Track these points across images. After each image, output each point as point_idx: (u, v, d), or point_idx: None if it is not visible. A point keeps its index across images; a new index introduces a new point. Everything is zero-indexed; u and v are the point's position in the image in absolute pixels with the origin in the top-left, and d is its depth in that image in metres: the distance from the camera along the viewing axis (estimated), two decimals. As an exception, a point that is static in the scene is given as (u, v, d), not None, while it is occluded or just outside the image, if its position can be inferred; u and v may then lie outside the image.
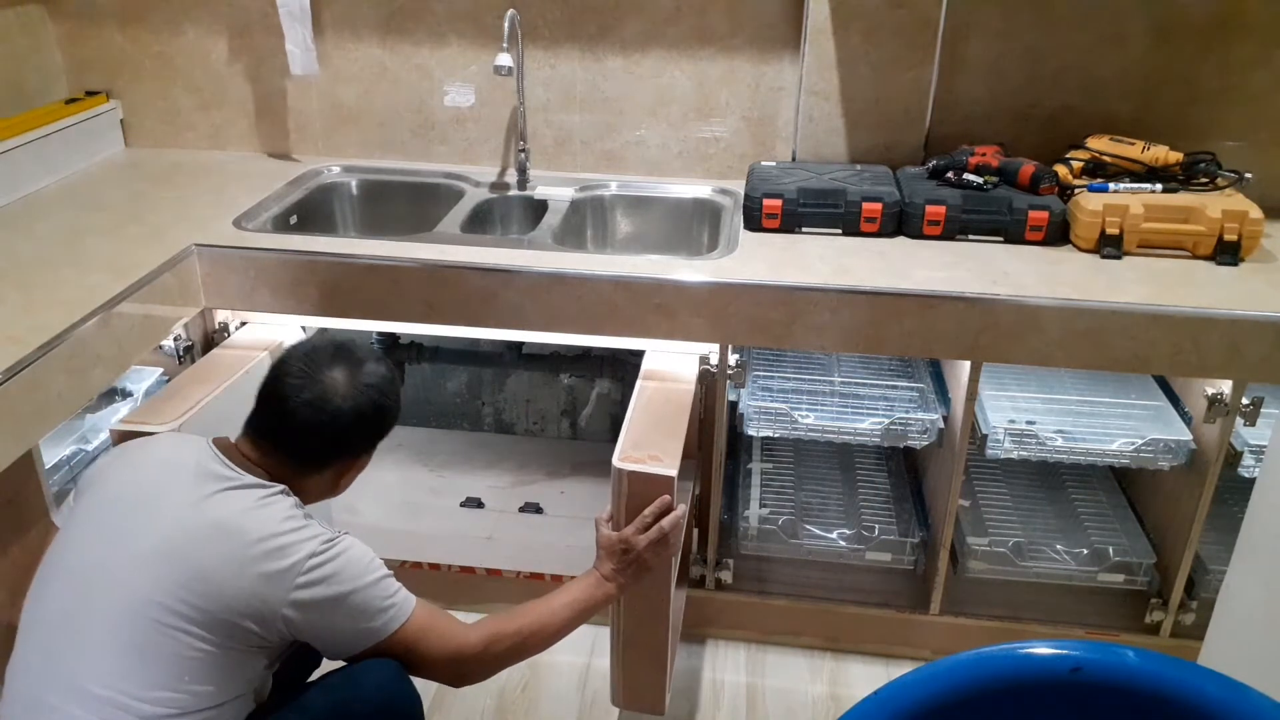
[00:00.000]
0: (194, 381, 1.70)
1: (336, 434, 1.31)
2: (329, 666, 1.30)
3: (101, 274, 1.66)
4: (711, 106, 2.19)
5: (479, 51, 2.19)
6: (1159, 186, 1.85)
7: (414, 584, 1.31)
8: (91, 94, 2.32)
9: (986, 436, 1.86)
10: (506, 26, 1.99)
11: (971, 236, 1.89)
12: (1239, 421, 1.74)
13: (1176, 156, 1.89)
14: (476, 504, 2.28)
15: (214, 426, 1.62)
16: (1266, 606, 1.27)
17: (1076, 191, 1.88)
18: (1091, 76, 2.06)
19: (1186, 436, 1.83)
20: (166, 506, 1.22)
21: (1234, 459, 1.79)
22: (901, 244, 1.89)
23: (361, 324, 1.92)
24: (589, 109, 2.23)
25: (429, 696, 1.30)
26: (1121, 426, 1.89)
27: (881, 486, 2.20)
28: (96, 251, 1.77)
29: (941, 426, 1.91)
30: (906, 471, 2.26)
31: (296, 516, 1.24)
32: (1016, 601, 2.00)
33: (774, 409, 1.92)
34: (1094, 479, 2.20)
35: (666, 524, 1.47)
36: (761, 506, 2.09)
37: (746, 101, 2.18)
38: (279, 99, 2.31)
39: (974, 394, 1.79)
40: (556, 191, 2.19)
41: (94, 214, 1.96)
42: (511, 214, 2.22)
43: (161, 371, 1.95)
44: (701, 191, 2.20)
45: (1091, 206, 1.80)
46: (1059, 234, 1.86)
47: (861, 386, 2.01)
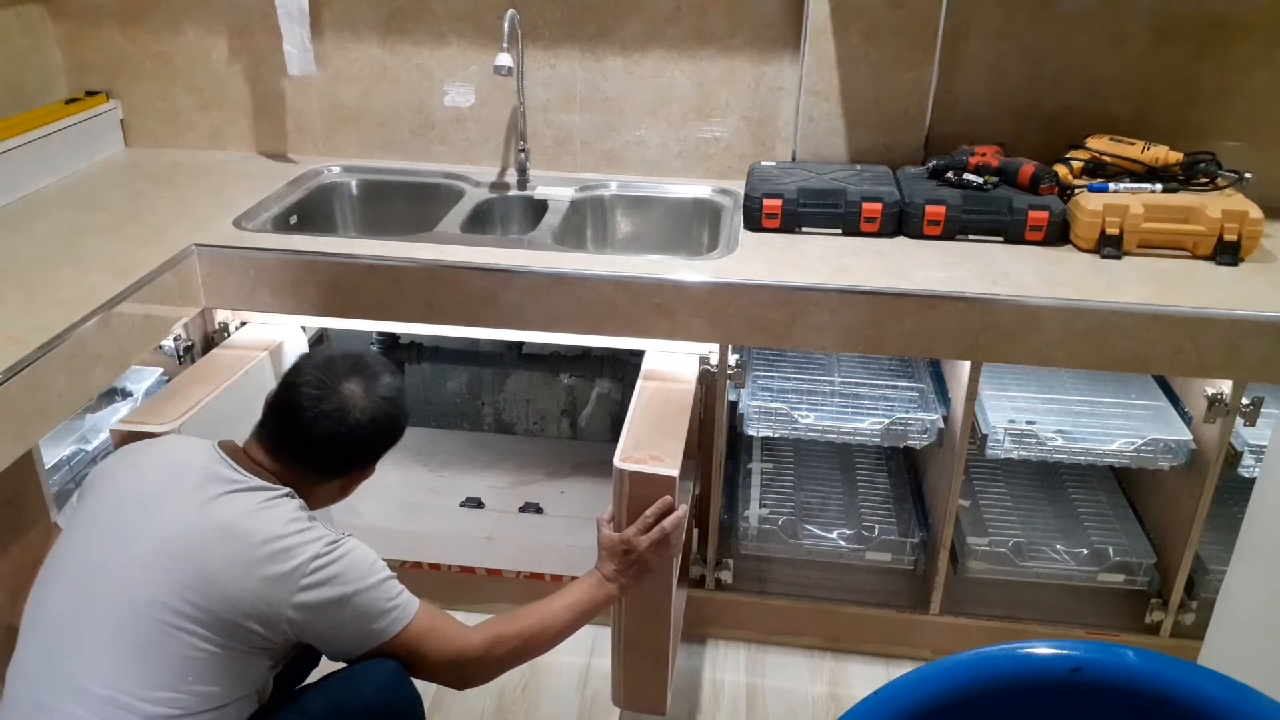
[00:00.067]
0: (194, 381, 1.70)
1: (354, 445, 1.34)
2: (327, 667, 1.31)
3: (101, 274, 1.66)
4: (711, 106, 2.19)
5: (479, 51, 2.19)
6: (1159, 186, 1.85)
7: (414, 584, 1.32)
8: (91, 94, 2.32)
9: (986, 436, 1.87)
10: (506, 26, 1.99)
11: (971, 236, 1.89)
12: (1239, 421, 1.74)
13: (1176, 156, 1.89)
14: (476, 504, 2.28)
15: (214, 426, 1.62)
16: (1266, 606, 1.27)
17: (1076, 191, 1.88)
18: (1091, 76, 2.06)
19: (1186, 436, 1.83)
20: (169, 508, 1.22)
21: (1234, 459, 1.79)
22: (901, 244, 1.89)
23: (361, 324, 1.92)
24: (589, 109, 2.23)
25: (429, 697, 1.30)
26: (1121, 426, 1.89)
27: (881, 486, 2.20)
28: (96, 251, 1.77)
29: (941, 426, 1.91)
30: (906, 471, 2.26)
31: (301, 519, 1.25)
32: (1016, 601, 2.00)
33: (774, 409, 1.92)
34: (1094, 479, 2.20)
35: (668, 524, 1.47)
36: (761, 506, 2.09)
37: (746, 101, 2.18)
38: (279, 99, 2.31)
39: (974, 394, 1.79)
40: (556, 191, 2.19)
41: (94, 214, 1.96)
42: (511, 214, 2.22)
43: (161, 371, 1.95)
44: (701, 191, 2.20)
45: (1091, 206, 1.80)
46: (1059, 234, 1.86)
47: (861, 386, 2.01)
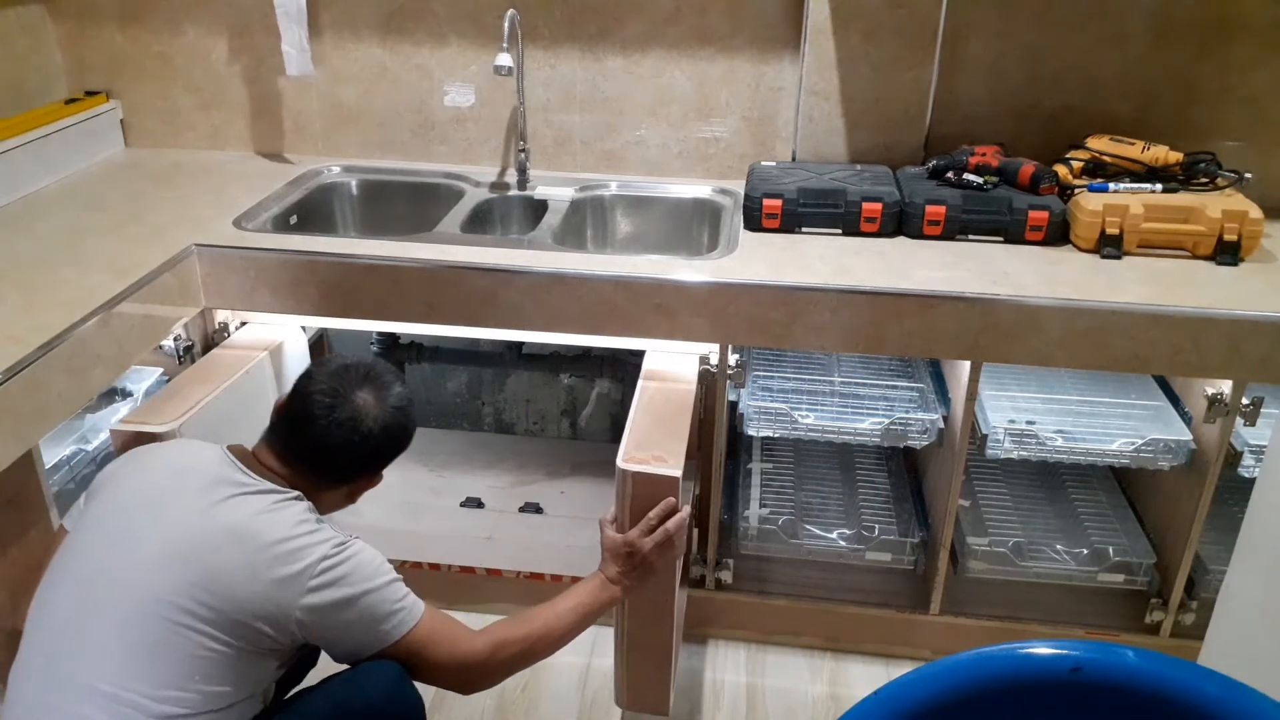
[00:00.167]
0: (194, 381, 1.71)
1: (365, 454, 1.35)
2: (324, 670, 1.30)
3: (101, 274, 1.66)
4: (711, 106, 2.19)
5: (479, 51, 2.20)
6: (1159, 186, 1.85)
7: (414, 584, 1.32)
8: (91, 94, 2.32)
9: (986, 436, 1.87)
10: (506, 26, 1.99)
11: (971, 236, 1.89)
12: (1239, 421, 1.74)
13: (1176, 156, 1.90)
14: (476, 504, 2.28)
15: (214, 426, 1.63)
16: (1266, 606, 1.27)
17: (1076, 191, 1.88)
18: (1091, 76, 2.06)
19: (1186, 436, 1.83)
20: (176, 510, 1.23)
21: (1234, 459, 1.79)
22: (901, 244, 1.89)
23: (362, 324, 1.92)
24: (589, 109, 2.23)
25: (428, 698, 1.30)
26: (1121, 426, 1.89)
27: (881, 486, 2.20)
28: (96, 251, 1.77)
29: (941, 426, 1.91)
30: (906, 471, 2.26)
31: (309, 520, 1.26)
32: (1016, 601, 2.00)
33: (774, 409, 1.92)
34: (1094, 479, 2.20)
35: (671, 526, 1.47)
36: (761, 506, 2.09)
37: (746, 101, 2.18)
38: (279, 99, 2.31)
39: (974, 394, 1.79)
40: (556, 191, 2.19)
41: (94, 214, 1.96)
42: (511, 214, 2.22)
43: (161, 371, 1.95)
44: (701, 191, 2.20)
45: (1091, 206, 1.80)
46: (1059, 234, 1.86)
47: (861, 386, 2.01)
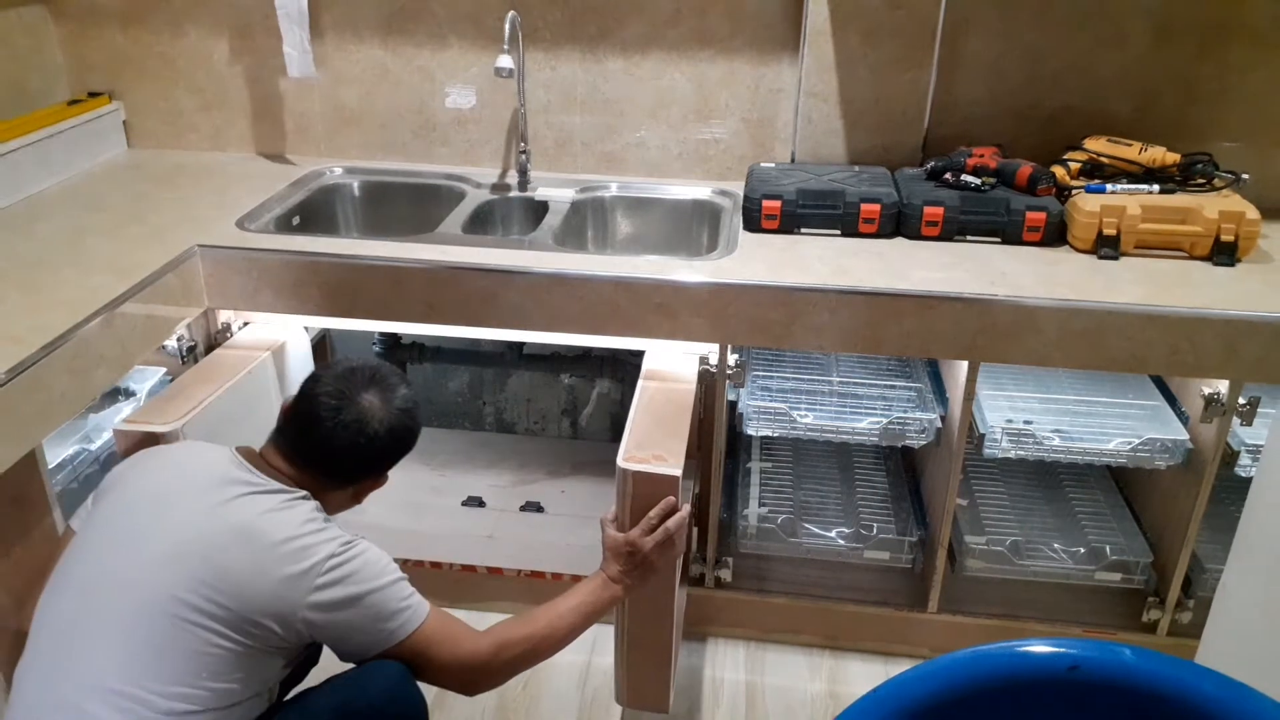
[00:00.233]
0: (197, 381, 1.71)
1: (371, 455, 1.36)
2: (325, 669, 1.31)
3: (104, 274, 1.67)
4: (711, 108, 2.20)
5: (480, 53, 2.20)
6: (1156, 187, 1.86)
7: (416, 582, 1.32)
8: (94, 95, 2.33)
9: (984, 436, 1.87)
10: (507, 28, 1.99)
11: (969, 237, 1.89)
12: (1236, 421, 1.75)
13: (1174, 157, 1.90)
14: (478, 503, 2.29)
15: (217, 426, 1.63)
16: (1263, 605, 1.27)
17: (1074, 192, 1.88)
18: (1091, 77, 2.06)
19: (1183, 436, 1.84)
20: (184, 508, 1.24)
21: (1231, 458, 1.80)
22: (900, 245, 1.89)
23: (363, 324, 1.93)
24: (589, 111, 2.24)
25: (430, 696, 1.30)
26: (1119, 426, 1.89)
27: (880, 486, 2.21)
28: (99, 252, 1.78)
29: (939, 426, 1.92)
30: (905, 471, 2.27)
31: (317, 520, 1.27)
32: (1014, 600, 2.01)
33: (773, 409, 1.93)
34: (1091, 478, 2.21)
35: (672, 525, 1.47)
36: (761, 505, 2.09)
37: (746, 103, 2.19)
38: (280, 100, 2.32)
39: (972, 394, 1.80)
40: (557, 193, 2.20)
41: (96, 215, 1.97)
42: (512, 215, 2.22)
43: (164, 371, 1.96)
44: (701, 193, 2.21)
45: (1089, 207, 1.81)
46: (1056, 235, 1.87)
47: (860, 386, 2.02)
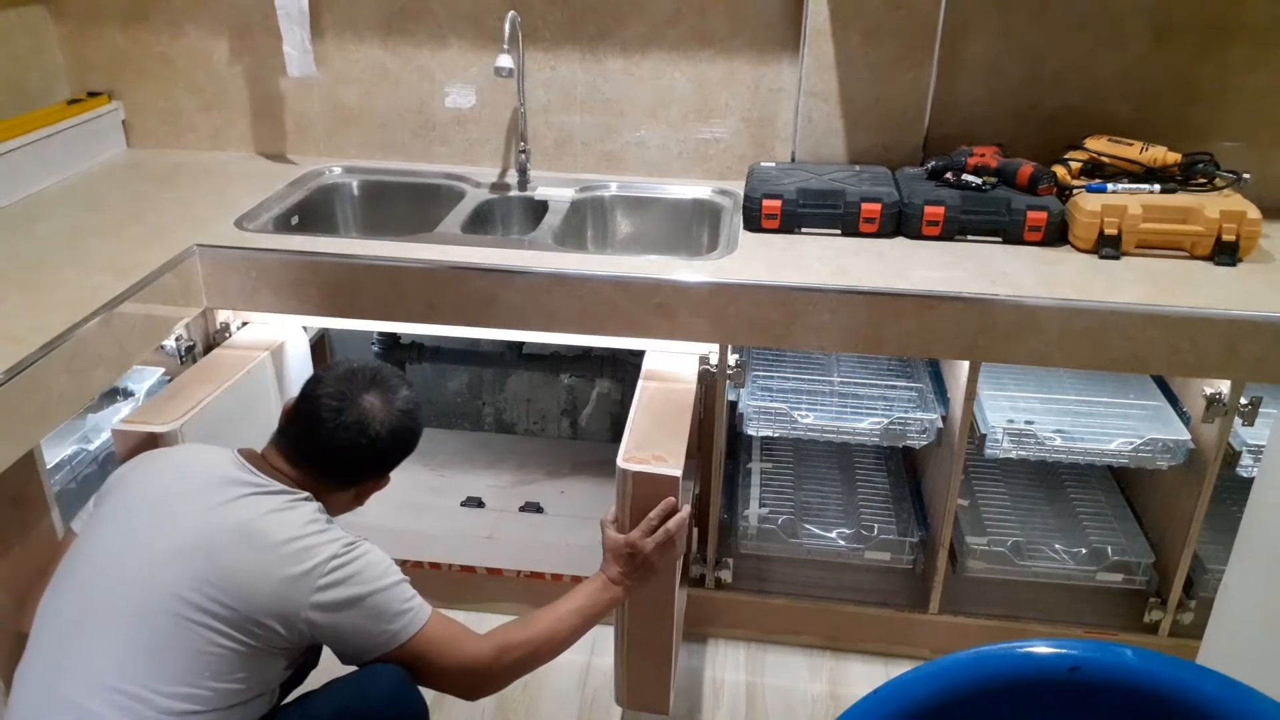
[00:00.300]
0: (196, 381, 1.71)
1: (373, 456, 1.36)
2: (325, 672, 1.31)
3: (103, 274, 1.67)
4: (711, 108, 2.20)
5: (480, 53, 2.20)
6: (1157, 187, 1.86)
7: (415, 583, 1.32)
8: (93, 95, 2.32)
9: (985, 436, 1.87)
10: (507, 28, 1.99)
11: (970, 237, 1.89)
12: (1237, 421, 1.75)
13: (1175, 157, 1.90)
14: (477, 503, 2.28)
15: (216, 426, 1.63)
16: (1265, 606, 1.27)
17: (1075, 192, 1.88)
18: (1091, 77, 2.06)
19: (1185, 436, 1.83)
20: (187, 509, 1.23)
21: (1232, 458, 1.79)
22: (900, 244, 1.89)
23: (363, 324, 1.92)
24: (589, 110, 2.24)
25: (429, 698, 1.30)
26: (1120, 426, 1.89)
27: (881, 486, 2.20)
28: (98, 252, 1.77)
29: (940, 426, 1.91)
30: (905, 471, 2.26)
31: (319, 520, 1.27)
32: (1015, 601, 2.01)
33: (774, 409, 1.93)
34: (1093, 479, 2.20)
35: (672, 526, 1.47)
36: (761, 506, 2.09)
37: (746, 103, 2.18)
38: (280, 100, 2.32)
39: (973, 394, 1.79)
40: (557, 192, 2.19)
41: (95, 214, 1.96)
42: (512, 215, 2.22)
43: (163, 371, 1.96)
44: (701, 192, 2.20)
45: (1090, 207, 1.81)
46: (1057, 234, 1.86)
47: (861, 386, 2.01)
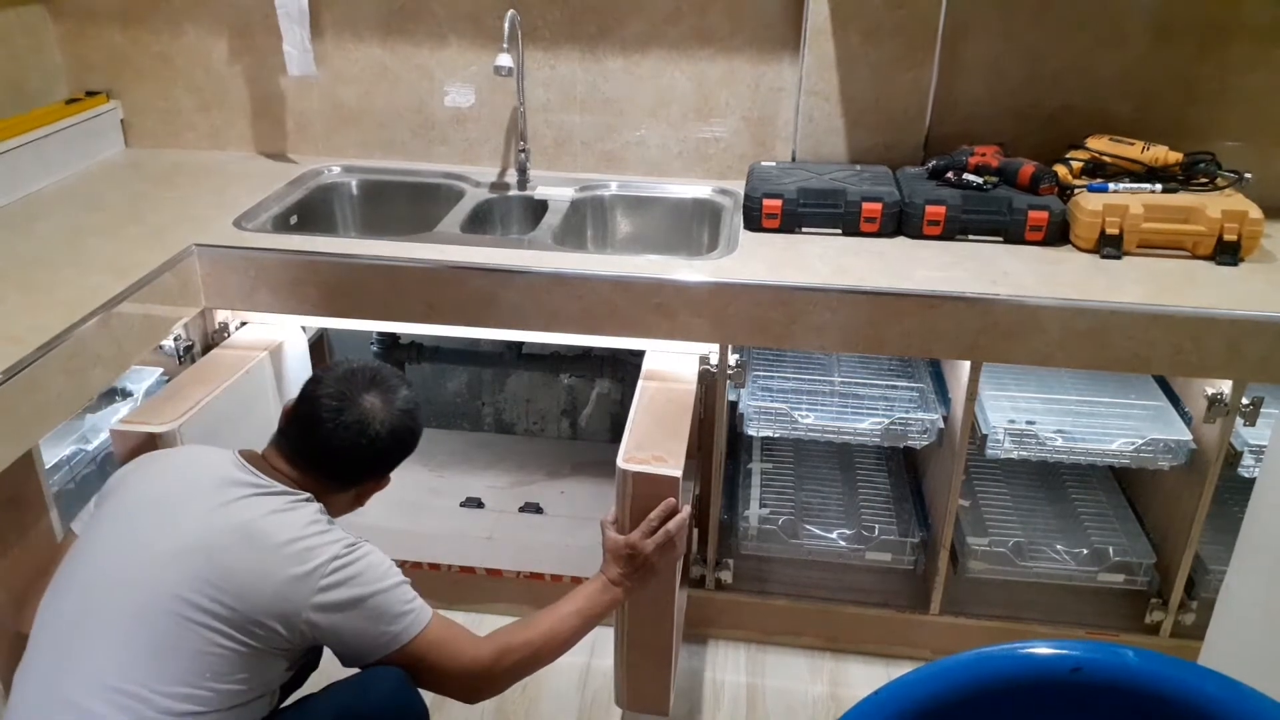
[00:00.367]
0: (194, 381, 1.71)
1: (373, 457, 1.35)
2: (325, 675, 1.31)
3: (101, 274, 1.66)
4: (711, 107, 2.19)
5: (479, 52, 2.20)
6: (1159, 187, 1.85)
7: (414, 584, 1.31)
8: (92, 94, 2.32)
9: (986, 436, 1.87)
10: (506, 27, 1.99)
11: (971, 236, 1.89)
12: (1239, 421, 1.74)
13: (1176, 157, 1.90)
14: (476, 504, 2.28)
15: (214, 427, 1.63)
16: (1267, 607, 1.27)
17: (1076, 191, 1.88)
18: (1091, 76, 2.06)
19: (1186, 436, 1.83)
20: (188, 510, 1.23)
21: (1234, 459, 1.79)
22: (901, 244, 1.89)
23: (362, 324, 1.92)
24: (589, 109, 2.23)
25: (429, 700, 1.30)
26: (1121, 426, 1.89)
27: (881, 486, 2.20)
28: (97, 251, 1.77)
29: (941, 426, 1.91)
30: (906, 471, 2.26)
31: (320, 521, 1.27)
32: (1016, 601, 2.00)
33: (774, 409, 1.92)
34: (1094, 479, 2.20)
35: (672, 527, 1.47)
36: (761, 506, 2.09)
37: (746, 102, 2.18)
38: (279, 99, 2.31)
39: (974, 394, 1.79)
40: (557, 192, 2.19)
41: (94, 214, 1.96)
42: (511, 214, 2.22)
43: (161, 371, 1.95)
44: (701, 192, 2.20)
45: (1091, 206, 1.80)
46: (1059, 234, 1.86)
47: (861, 386, 2.01)
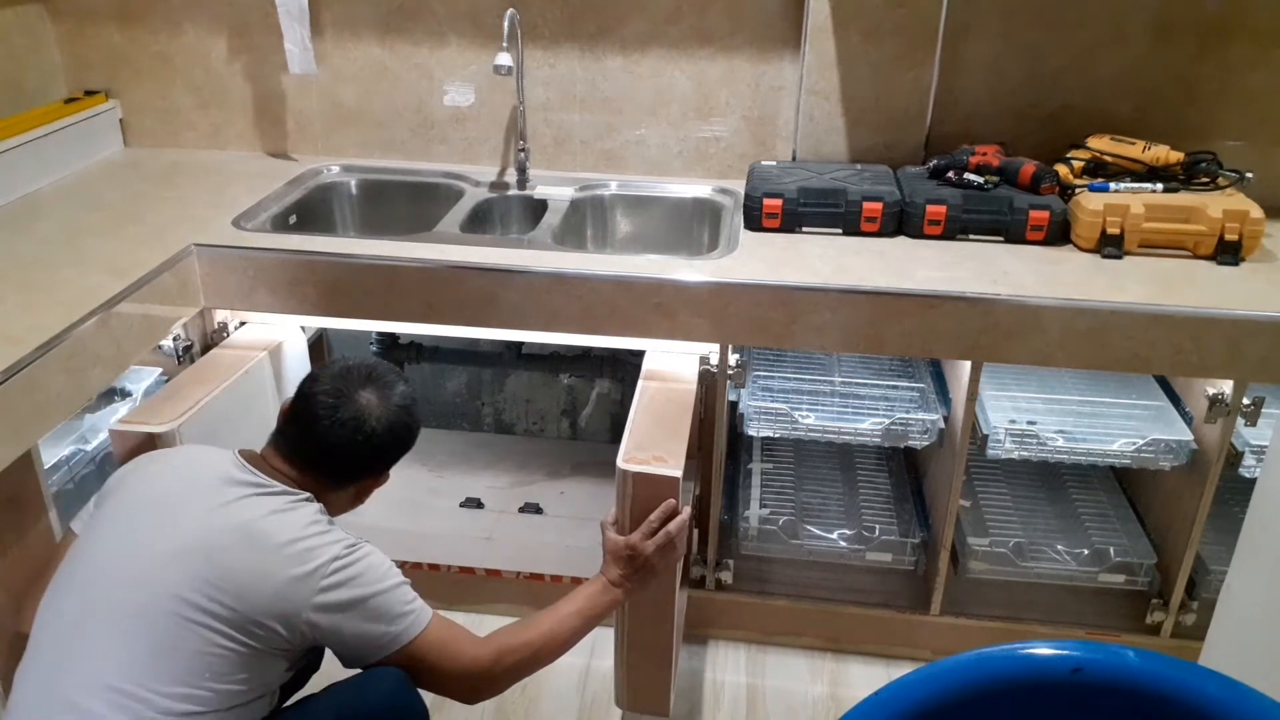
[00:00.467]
0: (193, 381, 1.70)
1: (370, 453, 1.35)
2: (326, 676, 1.30)
3: (101, 274, 1.66)
4: (711, 106, 2.19)
5: (479, 51, 2.19)
6: (1160, 186, 1.85)
7: (414, 584, 1.31)
8: (90, 93, 2.32)
9: (987, 437, 1.86)
10: (506, 26, 1.98)
11: (972, 236, 1.88)
12: (1240, 421, 1.74)
13: (1177, 156, 1.89)
14: (476, 504, 2.28)
15: (213, 426, 1.62)
16: (1267, 607, 1.27)
17: (1077, 191, 1.88)
18: (1091, 76, 2.05)
19: (1187, 437, 1.82)
20: (189, 510, 1.23)
21: (1235, 459, 1.79)
22: (902, 244, 1.88)
23: (361, 324, 1.92)
24: (589, 108, 2.23)
25: (429, 700, 1.29)
26: (1122, 427, 1.88)
27: (882, 487, 2.20)
28: (96, 251, 1.77)
29: (942, 427, 1.91)
30: (907, 472, 2.26)
31: (321, 522, 1.26)
32: (1017, 602, 2.00)
33: (774, 409, 1.92)
34: (1095, 479, 2.20)
35: (673, 528, 1.46)
36: (762, 507, 2.08)
37: (747, 101, 2.18)
38: (278, 98, 2.31)
39: (974, 394, 1.79)
40: (556, 191, 2.19)
41: (93, 214, 1.96)
42: (511, 214, 2.21)
43: (160, 371, 1.95)
44: (701, 191, 2.20)
45: (1092, 206, 1.80)
46: (1060, 234, 1.86)
47: (862, 386, 2.00)
